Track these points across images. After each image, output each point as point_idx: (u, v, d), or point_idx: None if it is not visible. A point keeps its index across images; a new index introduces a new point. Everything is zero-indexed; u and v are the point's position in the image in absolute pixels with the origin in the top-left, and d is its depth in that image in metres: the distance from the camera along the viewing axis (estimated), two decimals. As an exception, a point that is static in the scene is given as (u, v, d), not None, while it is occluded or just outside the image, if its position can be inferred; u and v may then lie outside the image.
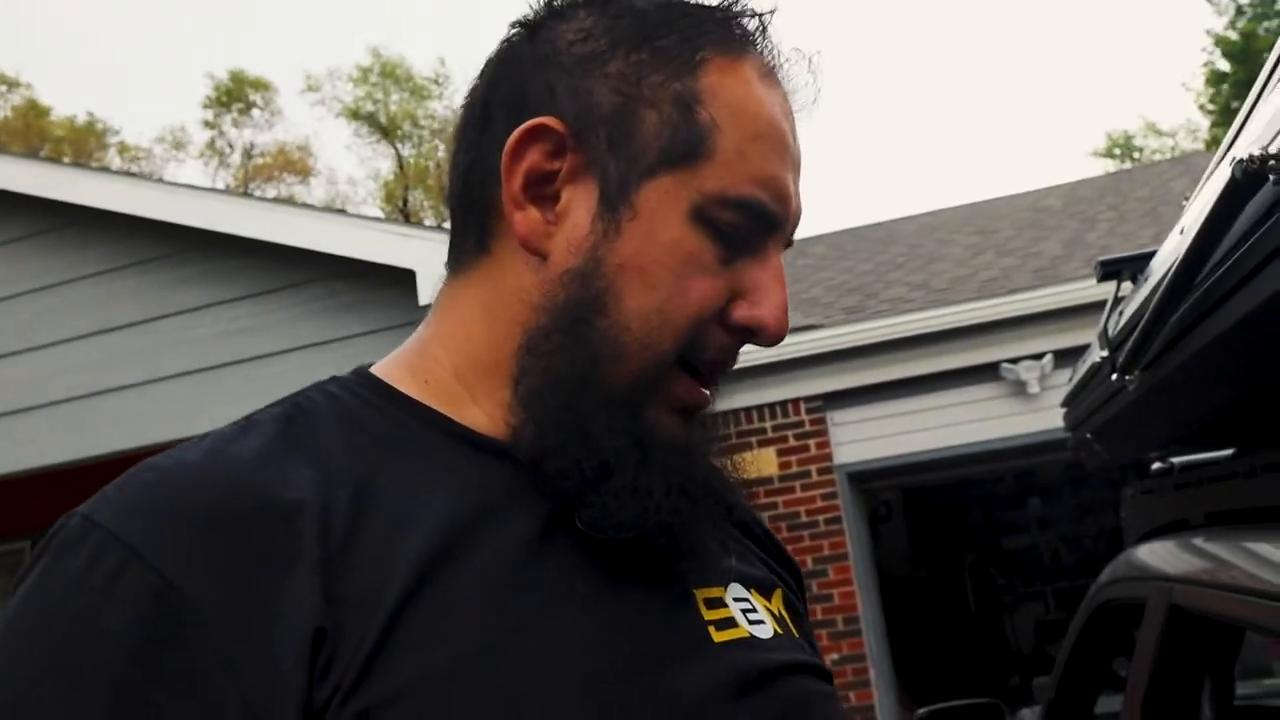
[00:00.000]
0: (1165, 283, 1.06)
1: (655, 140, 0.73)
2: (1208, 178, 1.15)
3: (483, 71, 0.81)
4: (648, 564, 0.73)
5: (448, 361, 0.78)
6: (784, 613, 0.85)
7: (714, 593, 0.78)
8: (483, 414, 0.76)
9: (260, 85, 26.79)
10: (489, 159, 0.77)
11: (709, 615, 0.76)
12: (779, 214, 0.76)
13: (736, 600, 0.80)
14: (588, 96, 0.75)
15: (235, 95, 26.51)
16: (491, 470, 0.73)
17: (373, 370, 0.80)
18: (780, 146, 0.76)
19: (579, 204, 0.75)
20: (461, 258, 0.81)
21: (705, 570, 0.78)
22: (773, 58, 0.78)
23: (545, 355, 0.74)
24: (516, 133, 0.75)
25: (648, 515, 0.71)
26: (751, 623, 0.79)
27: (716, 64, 0.75)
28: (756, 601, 0.82)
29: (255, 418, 0.73)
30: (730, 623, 0.77)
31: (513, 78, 0.78)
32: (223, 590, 0.61)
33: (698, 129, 0.73)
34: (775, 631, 0.80)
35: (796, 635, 0.84)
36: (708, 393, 0.79)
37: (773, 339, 0.76)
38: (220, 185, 25.27)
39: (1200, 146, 20.58)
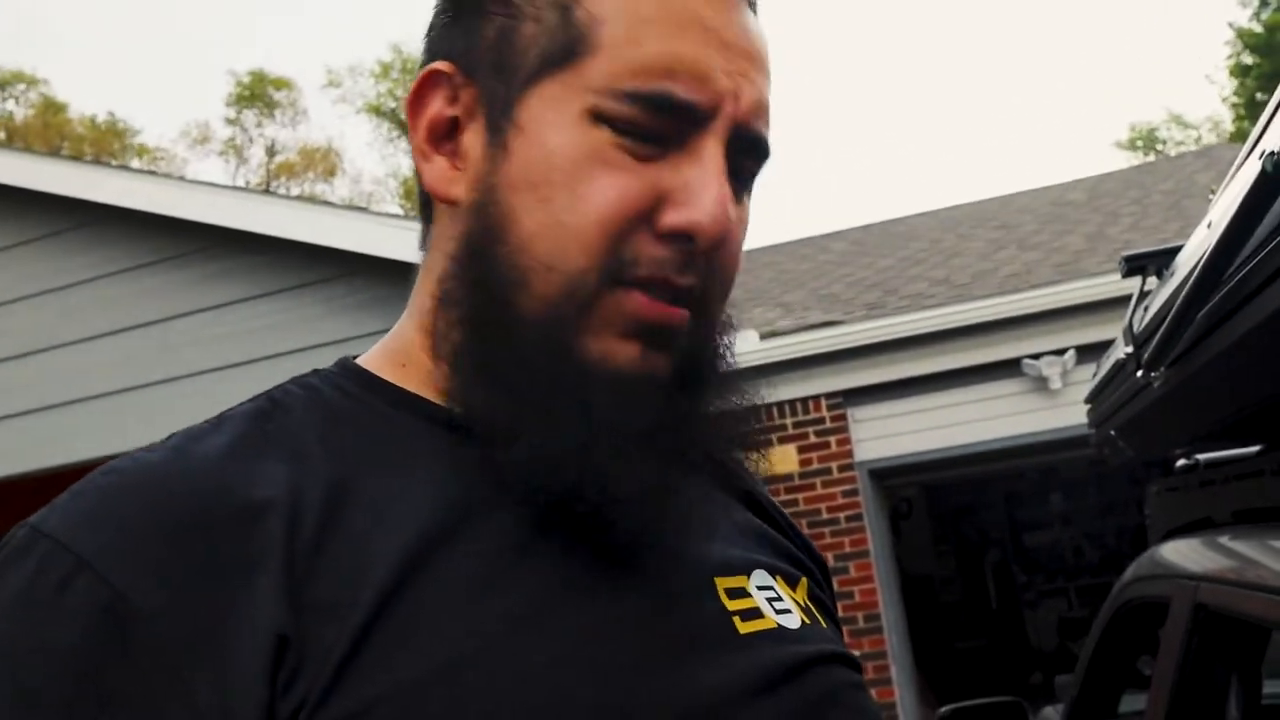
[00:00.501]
0: (1193, 278, 1.04)
1: (532, 49, 0.69)
2: (1236, 171, 1.13)
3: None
4: (648, 542, 0.66)
5: (420, 340, 0.74)
6: (809, 603, 0.80)
7: (737, 582, 0.73)
8: None
9: (282, 84, 26.90)
10: None
11: (732, 605, 0.71)
12: (694, 100, 0.66)
13: (761, 589, 0.75)
14: (474, 32, 0.71)
15: (257, 94, 26.62)
16: (475, 455, 0.67)
17: (357, 360, 0.76)
18: (686, 23, 0.67)
19: (475, 139, 0.71)
20: (422, 234, 0.79)
21: (724, 555, 0.74)
22: None
23: (454, 304, 0.70)
24: (413, 84, 0.73)
25: (572, 465, 0.64)
26: (779, 612, 0.74)
27: None
28: (782, 590, 0.77)
29: (229, 413, 0.69)
30: (756, 613, 0.72)
31: (425, 39, 0.76)
32: (175, 601, 0.57)
33: (576, 27, 0.67)
34: (803, 621, 0.75)
35: (824, 625, 0.79)
36: (680, 311, 0.69)
37: (710, 240, 0.67)
38: (242, 184, 25.41)
39: (1224, 139, 20.41)
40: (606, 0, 0.68)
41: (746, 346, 6.23)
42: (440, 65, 0.72)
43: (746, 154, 0.71)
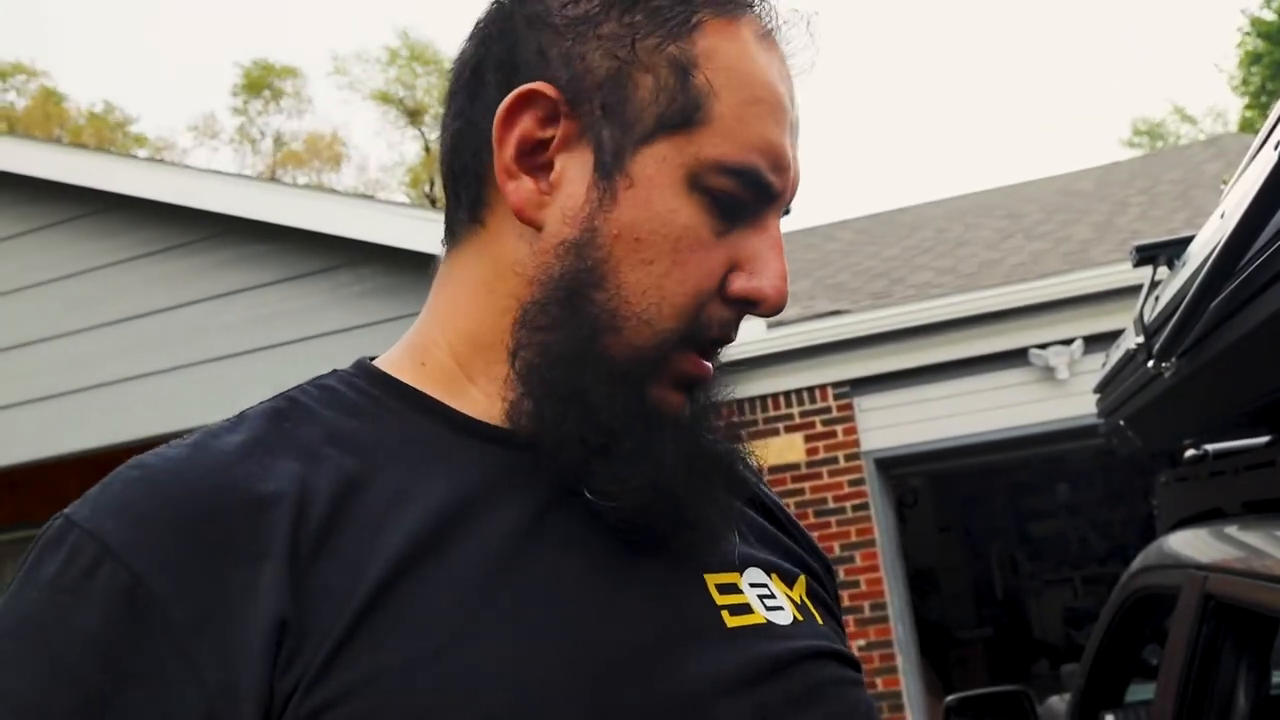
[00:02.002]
0: (1205, 268, 1.04)
1: (651, 106, 0.71)
2: (1249, 162, 1.13)
3: (472, 34, 0.79)
4: (650, 541, 0.71)
5: (444, 341, 0.77)
6: (806, 600, 0.82)
7: (728, 578, 0.76)
8: (481, 395, 0.75)
9: (287, 73, 26.82)
10: (480, 126, 0.75)
11: (721, 600, 0.74)
12: (776, 182, 0.73)
13: (753, 586, 0.77)
14: (581, 61, 0.72)
15: (262, 84, 26.55)
16: (486, 457, 0.72)
17: (374, 360, 0.79)
18: (778, 111, 0.73)
19: (573, 173, 0.72)
20: (455, 231, 0.79)
21: (716, 554, 0.76)
22: (770, 19, 0.75)
23: (541, 330, 0.72)
24: (508, 99, 0.72)
25: (660, 480, 0.70)
26: (769, 609, 0.76)
27: (713, 25, 0.72)
28: (776, 587, 0.79)
29: (248, 412, 0.73)
30: (745, 608, 0.75)
31: (504, 41, 0.75)
32: (187, 585, 0.61)
33: (694, 94, 0.71)
34: (795, 618, 0.77)
35: (821, 622, 0.80)
36: (710, 365, 0.76)
37: (773, 309, 0.74)
38: (249, 173, 25.38)
39: (1228, 131, 20.32)
40: (721, 73, 0.71)
41: (753, 335, 6.23)
42: (542, 87, 0.72)
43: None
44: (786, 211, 0.77)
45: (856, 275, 7.71)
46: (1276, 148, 0.82)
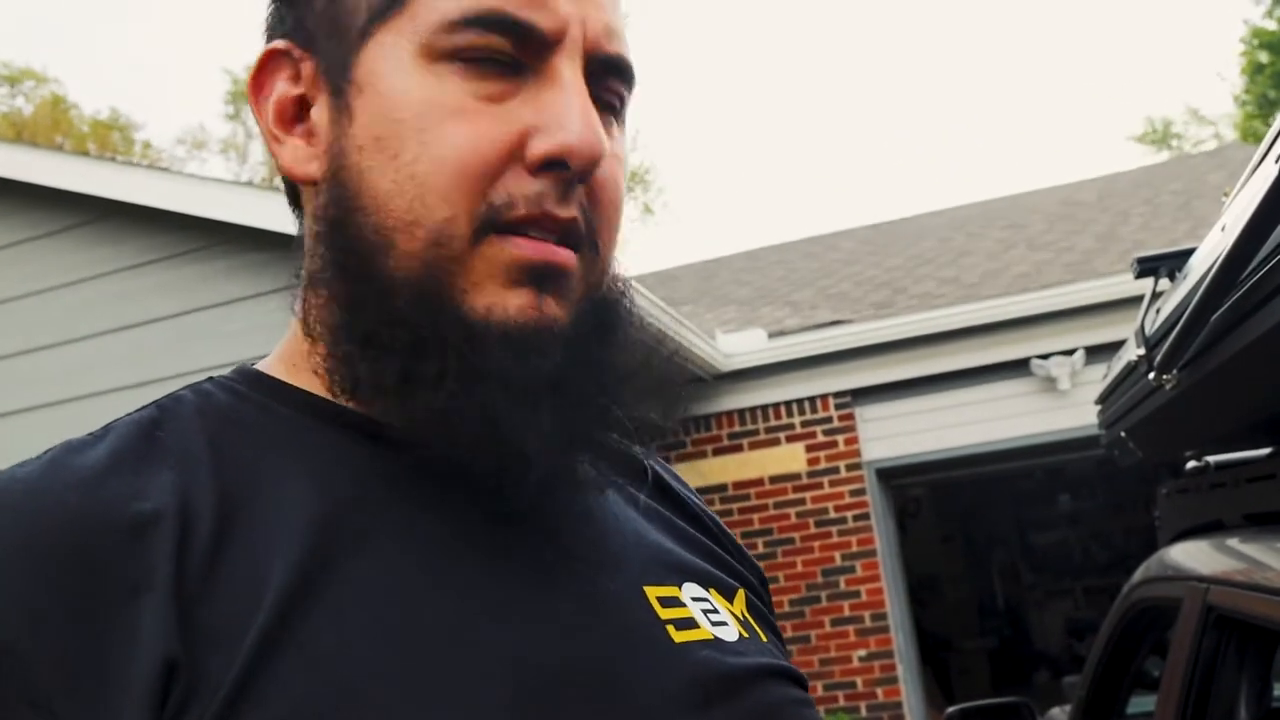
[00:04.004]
0: (1206, 281, 1.04)
1: (362, 6, 0.65)
2: (1250, 174, 1.13)
3: None
4: (505, 509, 0.62)
5: (302, 336, 0.70)
6: (748, 615, 0.75)
7: (668, 591, 0.69)
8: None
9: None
10: None
11: (665, 614, 0.67)
12: (540, 20, 0.62)
13: (695, 600, 0.70)
14: (305, 3, 0.68)
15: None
16: (371, 453, 0.64)
17: (255, 365, 0.73)
18: None
19: (322, 111, 0.67)
20: (298, 226, 0.74)
21: (656, 564, 0.70)
22: None
23: (321, 283, 0.66)
24: (251, 69, 0.69)
25: (468, 421, 0.60)
26: (714, 624, 0.69)
27: None
28: (717, 602, 0.72)
29: (115, 422, 0.65)
30: (690, 623, 0.67)
31: (265, 28, 0.72)
32: (44, 629, 0.52)
33: None
34: (740, 634, 0.70)
35: (764, 639, 0.73)
36: (566, 251, 0.64)
37: (585, 159, 0.62)
38: (244, 181, 25.39)
39: (1240, 136, 20.32)
40: None
41: (754, 345, 6.23)
42: (277, 44, 0.68)
43: (609, 78, 0.67)
44: (600, 63, 0.66)
45: (859, 285, 7.71)
46: (1277, 161, 0.82)
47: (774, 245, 10.78)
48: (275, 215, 4.77)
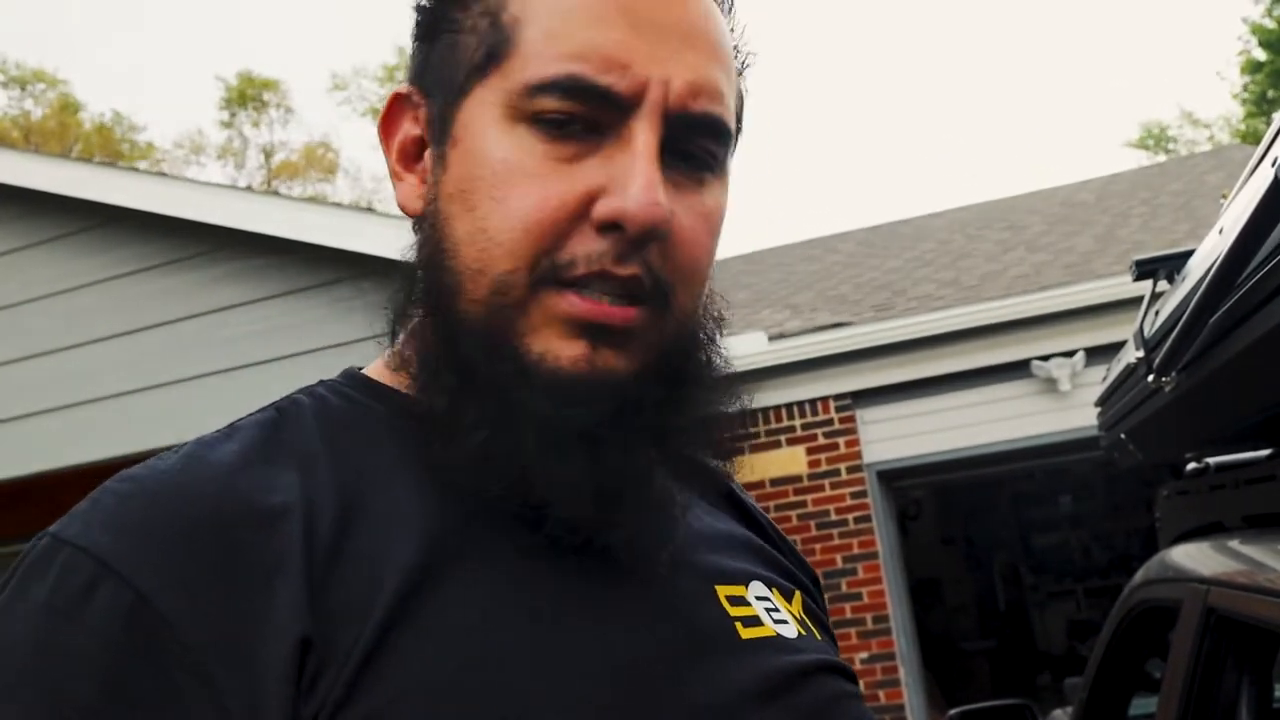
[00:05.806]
0: (1205, 283, 1.04)
1: (467, 60, 0.70)
2: (1248, 176, 1.13)
3: None
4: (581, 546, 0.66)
5: (413, 344, 0.75)
6: (804, 615, 0.81)
7: (736, 590, 0.75)
8: None
9: (269, 85, 26.75)
10: None
11: (734, 612, 0.73)
12: (610, 84, 0.65)
13: (759, 599, 0.76)
14: (430, 52, 0.74)
15: (247, 97, 26.51)
16: None
17: (363, 370, 0.78)
18: (606, 13, 0.66)
19: (430, 154, 0.74)
20: None
21: (724, 565, 0.76)
22: None
23: (418, 307, 0.73)
24: (382, 110, 0.76)
25: (508, 462, 0.64)
26: (776, 622, 0.75)
27: None
28: (778, 602, 0.78)
29: (239, 423, 0.70)
30: (756, 621, 0.74)
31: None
32: (199, 604, 0.57)
33: (502, 31, 0.68)
34: (800, 632, 0.77)
35: (819, 638, 0.80)
36: (626, 310, 0.67)
37: (639, 228, 0.65)
38: (242, 185, 25.37)
39: (1236, 139, 20.31)
40: (531, 1, 0.68)
41: (755, 348, 6.23)
42: (401, 89, 0.75)
43: (697, 136, 0.69)
44: (683, 122, 0.68)
45: (858, 287, 7.71)
46: (1274, 164, 0.82)
47: (773, 248, 10.79)
48: (274, 220, 4.77)
